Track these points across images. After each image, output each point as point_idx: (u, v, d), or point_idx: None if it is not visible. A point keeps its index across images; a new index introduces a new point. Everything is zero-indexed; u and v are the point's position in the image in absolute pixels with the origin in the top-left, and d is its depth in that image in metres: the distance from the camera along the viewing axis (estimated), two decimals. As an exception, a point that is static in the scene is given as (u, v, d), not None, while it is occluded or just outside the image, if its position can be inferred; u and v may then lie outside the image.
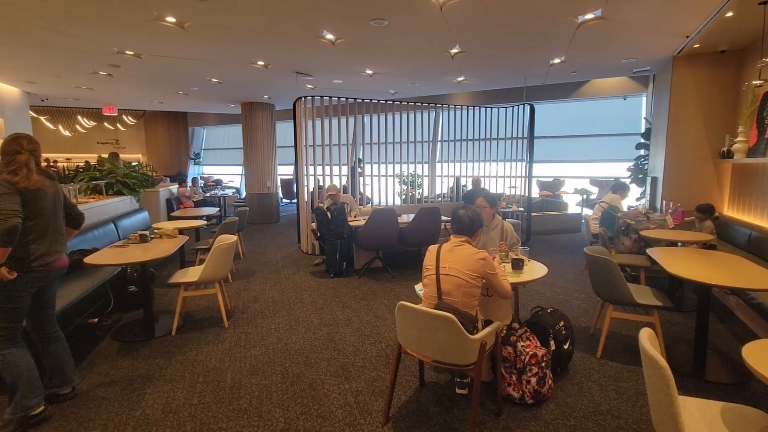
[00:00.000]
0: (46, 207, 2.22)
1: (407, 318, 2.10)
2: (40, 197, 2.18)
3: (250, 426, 2.21)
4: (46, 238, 2.23)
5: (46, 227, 2.23)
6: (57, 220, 2.32)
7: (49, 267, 2.24)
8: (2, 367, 2.13)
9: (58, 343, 2.43)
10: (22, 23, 4.23)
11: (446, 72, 6.49)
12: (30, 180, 2.12)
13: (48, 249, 2.23)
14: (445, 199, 7.41)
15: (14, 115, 7.48)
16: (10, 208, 2.00)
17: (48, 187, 2.25)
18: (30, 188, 2.12)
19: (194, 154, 13.64)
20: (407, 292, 4.44)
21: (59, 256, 2.32)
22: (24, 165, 2.12)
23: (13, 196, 2.05)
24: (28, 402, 2.15)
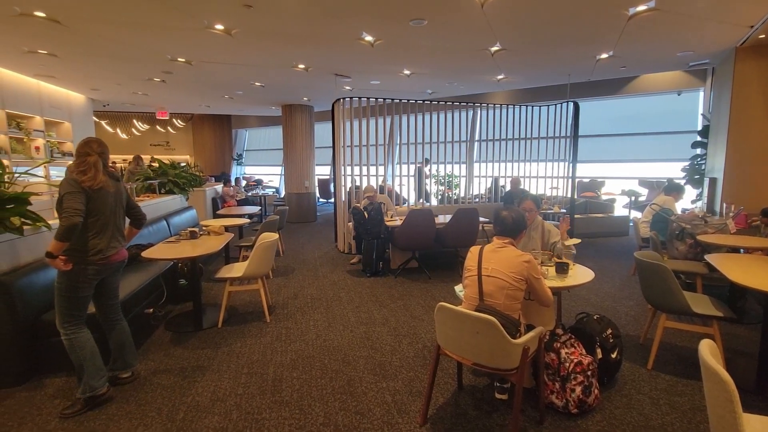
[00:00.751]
0: (107, 205, 2.39)
1: (447, 319, 2.08)
2: (102, 196, 2.36)
3: (292, 418, 2.28)
4: (106, 234, 2.39)
5: (106, 224, 2.40)
6: (117, 217, 2.48)
7: (107, 260, 2.41)
8: (69, 349, 2.33)
9: (121, 329, 2.62)
10: (92, 37, 4.61)
11: (485, 70, 6.37)
12: (95, 180, 2.30)
13: (107, 244, 2.40)
14: (482, 199, 7.28)
15: (80, 120, 8.15)
16: (74, 207, 2.19)
17: (110, 187, 2.42)
18: (94, 188, 2.29)
19: (237, 155, 14.23)
20: (444, 294, 4.40)
21: (118, 251, 2.49)
22: (92, 166, 2.31)
23: (79, 194, 2.23)
24: (94, 383, 2.34)
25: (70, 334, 2.33)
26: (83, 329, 2.40)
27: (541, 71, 6.60)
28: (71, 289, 2.30)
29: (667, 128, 8.03)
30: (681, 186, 5.07)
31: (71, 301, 2.32)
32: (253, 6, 3.78)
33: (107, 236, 2.40)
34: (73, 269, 2.28)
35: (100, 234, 2.37)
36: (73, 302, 2.33)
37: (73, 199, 2.21)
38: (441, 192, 8.22)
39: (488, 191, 7.48)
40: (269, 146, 14.64)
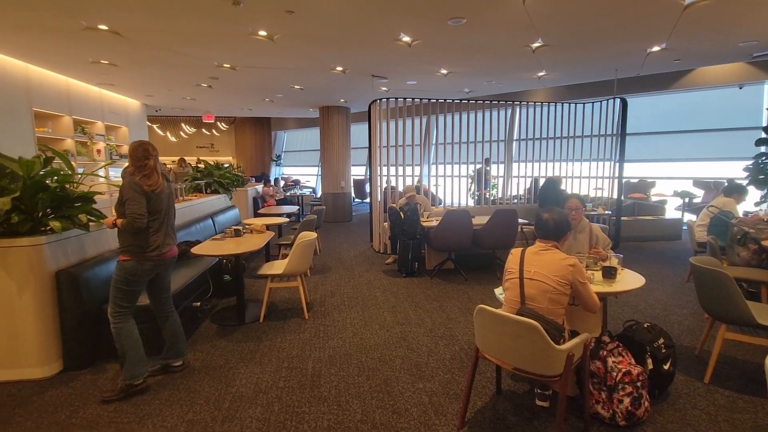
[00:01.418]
0: (162, 205, 2.56)
1: (486, 322, 2.05)
2: (159, 197, 2.53)
3: (330, 413, 2.33)
4: (161, 231, 2.56)
5: (162, 223, 2.57)
6: (170, 216, 2.66)
7: (162, 256, 2.58)
8: (116, 337, 2.49)
9: (173, 320, 2.80)
10: (148, 47, 4.94)
11: (525, 68, 6.20)
12: (158, 183, 2.50)
13: (163, 241, 2.57)
14: (521, 200, 7.08)
15: (136, 124, 8.75)
16: (139, 212, 2.38)
17: (165, 189, 2.59)
18: (155, 191, 2.48)
19: (276, 156, 14.71)
20: (481, 296, 4.33)
21: (171, 247, 2.66)
22: (154, 170, 2.50)
23: (141, 198, 2.41)
24: (134, 371, 2.49)
25: (119, 323, 2.50)
26: (130, 320, 2.56)
27: (585, 67, 6.32)
28: (127, 282, 2.48)
29: (726, 125, 7.43)
30: (743, 187, 4.69)
31: (125, 293, 2.49)
32: (295, 12, 3.89)
33: (162, 234, 2.57)
34: (131, 263, 2.47)
35: (157, 232, 2.54)
36: (127, 294, 2.50)
37: (137, 203, 2.39)
38: (477, 193, 8.08)
39: (527, 192, 7.26)
40: (306, 147, 15.01)
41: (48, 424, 2.22)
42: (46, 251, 2.67)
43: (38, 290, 2.64)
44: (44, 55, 5.44)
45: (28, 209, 2.65)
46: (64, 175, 2.87)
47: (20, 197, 2.61)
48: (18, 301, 2.60)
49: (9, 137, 5.30)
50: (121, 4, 3.69)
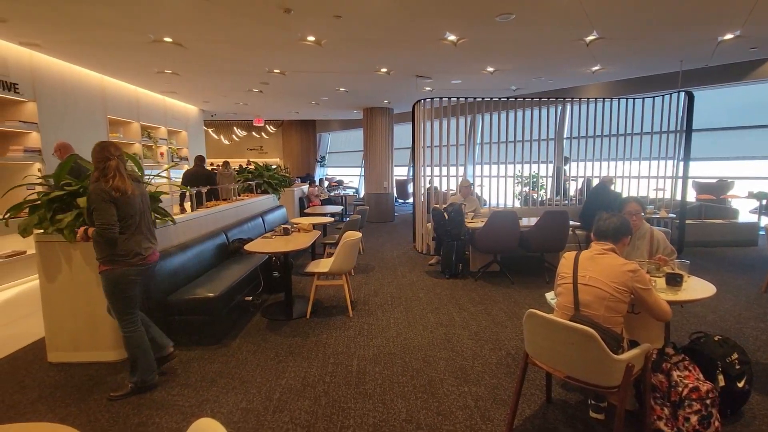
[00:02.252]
0: (134, 208, 2.44)
1: (537, 328, 1.98)
2: (130, 201, 2.40)
3: (375, 411, 2.36)
4: (139, 235, 2.47)
5: (138, 226, 2.47)
6: (146, 218, 2.56)
7: (146, 261, 2.51)
8: (127, 344, 2.50)
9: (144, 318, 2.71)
10: (206, 56, 5.28)
11: (578, 62, 5.91)
12: (124, 185, 2.34)
13: (141, 245, 2.47)
14: (572, 201, 6.75)
15: (194, 129, 9.37)
16: (108, 222, 2.27)
17: (135, 190, 2.45)
18: (124, 194, 2.34)
19: (320, 157, 15.11)
20: (529, 301, 4.18)
21: (153, 250, 2.58)
22: (117, 170, 2.35)
23: (109, 205, 2.29)
24: (146, 377, 2.53)
25: (129, 332, 2.48)
26: (140, 327, 2.53)
27: (645, 59, 5.91)
28: (119, 290, 2.41)
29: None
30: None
31: (122, 300, 2.44)
32: (342, 16, 3.99)
33: (140, 237, 2.48)
34: (114, 272, 2.39)
35: (135, 236, 2.44)
36: (124, 301, 2.45)
37: (105, 213, 2.27)
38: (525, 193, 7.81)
39: (579, 192, 6.91)
40: (349, 148, 15.28)
41: (121, 403, 2.44)
42: (119, 246, 2.93)
43: (113, 281, 2.91)
44: (117, 67, 5.98)
45: (105, 207, 2.92)
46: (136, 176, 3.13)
47: (99, 196, 2.89)
48: (97, 290, 2.87)
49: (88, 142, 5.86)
50: (184, 17, 3.97)
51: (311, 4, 3.70)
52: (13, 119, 4.87)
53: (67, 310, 2.91)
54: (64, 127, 5.46)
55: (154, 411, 2.36)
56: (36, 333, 3.24)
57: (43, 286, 2.91)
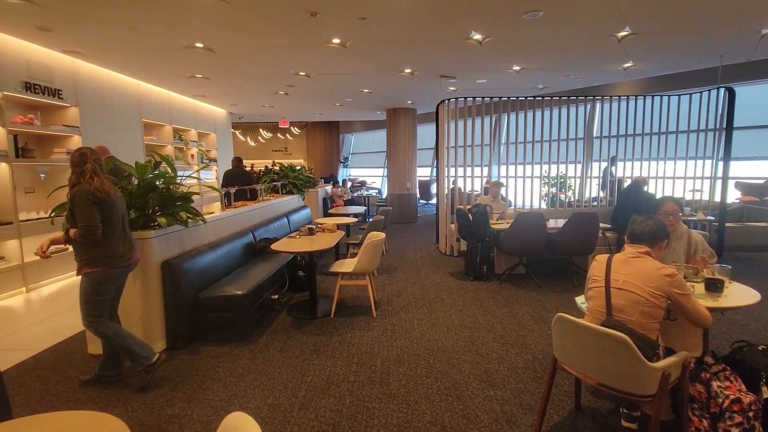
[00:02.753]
0: (117, 210, 2.49)
1: (567, 332, 1.94)
2: (113, 202, 2.46)
3: (399, 411, 2.36)
4: (122, 236, 2.52)
5: (123, 228, 2.54)
6: (126, 220, 2.61)
7: (129, 262, 2.56)
8: (109, 341, 2.51)
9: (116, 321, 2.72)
10: (234, 60, 5.43)
11: (609, 59, 5.72)
12: (104, 186, 2.39)
13: (125, 246, 2.53)
14: (602, 203, 6.54)
15: (222, 131, 9.64)
16: (91, 224, 2.31)
17: (116, 192, 2.53)
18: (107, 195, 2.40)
19: (343, 158, 15.25)
20: (556, 304, 4.08)
21: (134, 253, 2.63)
22: (93, 173, 2.39)
23: (93, 207, 2.32)
24: (143, 354, 2.55)
25: (100, 329, 2.49)
26: (107, 322, 2.54)
27: (681, 55, 5.66)
28: (97, 292, 2.41)
29: None
30: None
31: (96, 303, 2.44)
32: (368, 18, 4.02)
33: (123, 238, 2.53)
34: (100, 274, 2.42)
35: (118, 238, 2.49)
36: (98, 304, 2.45)
37: (88, 214, 2.31)
38: (552, 194, 7.63)
39: (607, 193, 6.68)
40: (372, 149, 15.35)
41: (155, 395, 2.54)
42: (154, 244, 3.06)
43: (148, 277, 3.04)
44: (151, 73, 6.24)
45: (142, 207, 3.06)
46: (169, 177, 3.26)
47: (135, 197, 3.02)
48: (132, 286, 3.01)
49: (125, 145, 6.16)
50: (214, 23, 4.10)
51: (337, 7, 3.75)
52: (57, 123, 5.16)
53: (106, 305, 3.05)
54: (103, 130, 5.74)
55: (186, 404, 2.44)
56: (77, 326, 3.41)
57: (84, 282, 3.06)
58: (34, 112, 4.93)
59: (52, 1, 3.53)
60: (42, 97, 4.83)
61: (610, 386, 1.85)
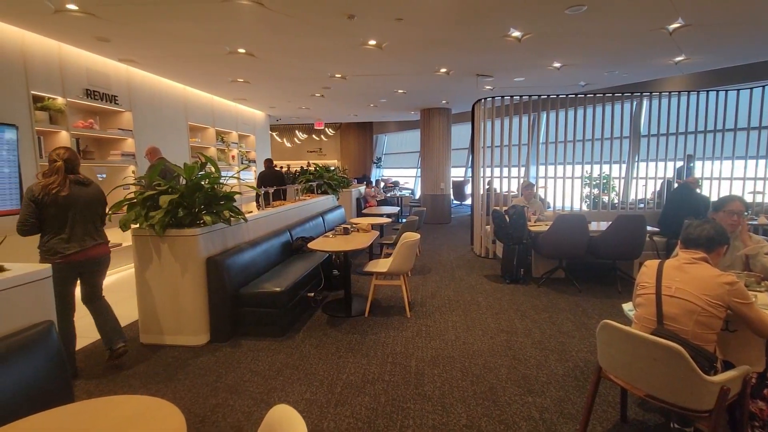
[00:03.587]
0: (68, 210, 2.59)
1: (613, 340, 1.85)
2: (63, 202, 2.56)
3: (434, 413, 2.35)
4: (63, 235, 2.58)
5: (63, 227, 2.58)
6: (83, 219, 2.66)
7: (69, 258, 2.59)
8: None
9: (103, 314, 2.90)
10: (274, 64, 5.61)
11: (658, 53, 5.40)
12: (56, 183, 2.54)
13: (65, 245, 2.58)
14: (648, 205, 6.19)
15: (261, 133, 9.98)
16: (20, 220, 2.49)
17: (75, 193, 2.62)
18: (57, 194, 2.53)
19: (376, 159, 15.35)
20: (598, 310, 3.91)
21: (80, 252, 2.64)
22: (56, 171, 2.56)
23: (29, 205, 2.48)
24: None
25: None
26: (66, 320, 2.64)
27: (740, 47, 5.25)
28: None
29: None
30: None
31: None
32: (404, 18, 4.02)
33: (66, 238, 2.59)
34: None
35: (58, 236, 2.57)
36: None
37: (23, 212, 2.49)
38: (592, 196, 7.31)
39: (656, 195, 6.32)
40: (405, 149, 15.34)
41: (200, 385, 2.67)
42: (200, 241, 3.22)
43: (195, 273, 3.20)
44: (197, 78, 6.56)
45: (189, 205, 3.23)
46: (214, 177, 3.42)
47: (183, 196, 3.20)
48: (180, 281, 3.19)
49: (173, 147, 6.52)
50: (255, 29, 4.25)
51: (373, 9, 3.78)
52: (113, 127, 5.55)
53: (156, 297, 3.25)
54: (153, 133, 6.10)
55: (228, 395, 2.55)
56: (131, 316, 3.65)
57: (137, 275, 3.27)
58: (94, 116, 5.32)
59: (111, 14, 3.80)
60: (100, 102, 5.20)
61: (662, 399, 1.75)
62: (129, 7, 3.64)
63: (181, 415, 1.23)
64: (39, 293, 1.82)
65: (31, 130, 4.27)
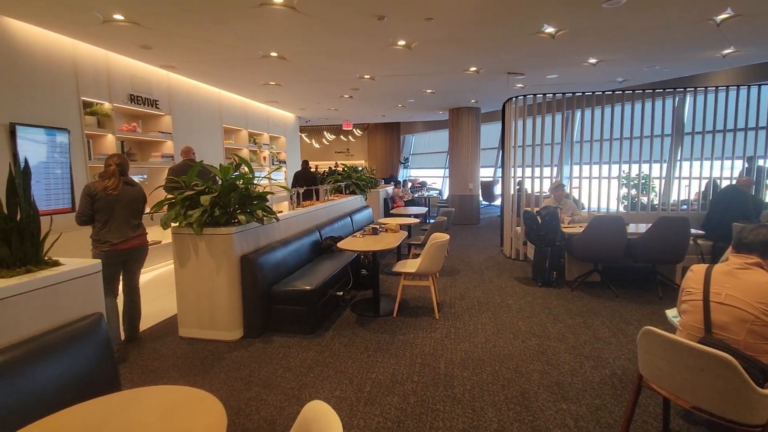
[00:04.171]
0: (111, 205, 3.02)
1: (656, 348, 1.76)
2: (107, 198, 3.01)
3: (464, 416, 2.32)
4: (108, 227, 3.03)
5: (108, 220, 3.03)
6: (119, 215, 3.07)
7: (115, 248, 3.05)
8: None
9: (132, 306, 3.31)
10: (304, 67, 5.72)
11: (704, 46, 5.10)
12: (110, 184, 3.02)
13: (109, 236, 3.02)
14: (692, 207, 5.86)
15: (291, 134, 10.19)
16: (78, 212, 3.02)
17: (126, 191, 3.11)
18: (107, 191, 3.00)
19: (404, 159, 15.33)
20: (637, 316, 3.74)
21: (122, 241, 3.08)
22: (112, 174, 3.06)
23: (85, 199, 2.98)
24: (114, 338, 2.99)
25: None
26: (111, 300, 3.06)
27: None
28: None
29: None
30: None
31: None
32: (434, 18, 4.00)
33: (110, 229, 3.04)
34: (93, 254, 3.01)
35: (104, 228, 3.03)
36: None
37: (80, 205, 3.02)
38: (629, 196, 6.99)
39: (700, 196, 5.97)
40: (432, 149, 15.24)
41: (235, 378, 2.76)
42: (235, 239, 3.33)
43: (229, 270, 3.31)
44: (230, 82, 6.78)
45: (224, 205, 3.34)
46: (248, 178, 3.53)
47: (219, 196, 3.31)
48: (216, 278, 3.31)
49: (208, 148, 6.77)
50: (288, 33, 4.35)
51: (403, 9, 3.78)
52: (154, 130, 5.82)
53: (194, 293, 3.38)
54: (190, 135, 6.35)
55: (261, 389, 2.62)
56: (170, 310, 3.82)
57: (176, 271, 3.42)
58: (137, 120, 5.60)
59: (153, 23, 3.99)
60: (143, 107, 5.48)
61: (709, 411, 1.65)
62: (170, 16, 3.82)
63: (222, 406, 1.27)
64: (90, 286, 1.94)
65: (81, 133, 4.55)
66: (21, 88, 3.92)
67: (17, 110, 3.87)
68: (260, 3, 3.54)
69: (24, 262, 1.75)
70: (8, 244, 1.70)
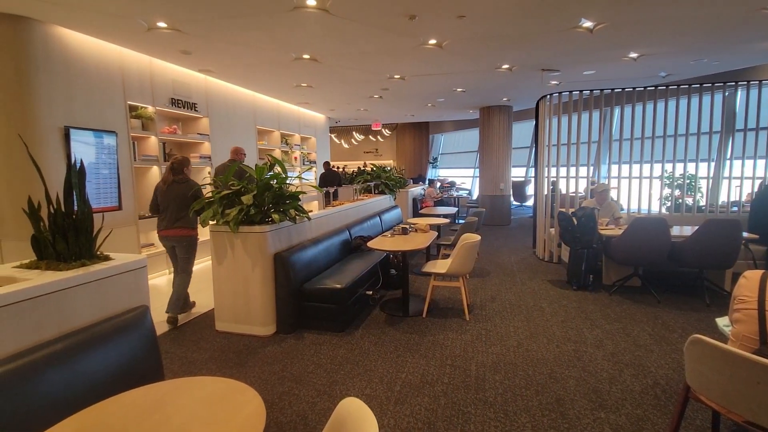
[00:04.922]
0: (164, 199, 3.72)
1: (706, 358, 1.66)
2: (167, 192, 3.72)
3: (497, 421, 2.28)
4: (161, 217, 3.75)
5: (164, 211, 3.72)
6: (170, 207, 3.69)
7: (160, 233, 3.76)
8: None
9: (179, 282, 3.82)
10: (335, 68, 5.79)
11: (757, 37, 4.76)
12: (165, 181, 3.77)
13: (159, 224, 3.75)
14: (744, 209, 5.48)
15: (321, 135, 10.36)
16: (150, 204, 3.85)
17: (174, 187, 3.72)
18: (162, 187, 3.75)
19: (432, 159, 15.22)
20: (682, 323, 3.55)
21: (162, 230, 3.74)
22: (169, 171, 3.79)
23: (154, 192, 3.82)
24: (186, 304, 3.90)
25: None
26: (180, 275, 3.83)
27: None
28: None
29: None
30: None
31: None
32: (467, 16, 3.94)
33: (161, 219, 3.75)
34: None
35: (161, 217, 3.76)
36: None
37: (152, 197, 3.83)
38: (672, 197, 6.62)
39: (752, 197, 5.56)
40: (462, 149, 15.05)
41: (269, 372, 2.84)
42: (269, 237, 3.42)
43: (264, 267, 3.41)
44: (263, 84, 6.97)
45: (259, 204, 3.44)
46: (281, 178, 3.61)
47: (255, 195, 3.41)
48: (251, 274, 3.41)
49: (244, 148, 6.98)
50: (319, 35, 4.42)
51: (435, 8, 3.75)
52: (193, 132, 6.08)
53: (229, 289, 3.50)
54: (226, 136, 6.58)
55: (294, 384, 2.68)
56: (207, 305, 3.98)
57: (214, 267, 3.56)
58: (177, 123, 5.87)
59: (193, 29, 4.17)
60: (183, 110, 5.73)
61: (764, 427, 1.54)
62: (208, 22, 3.97)
63: (260, 399, 1.31)
64: (137, 280, 2.04)
65: (128, 135, 4.82)
66: (74, 94, 4.20)
67: (71, 114, 4.14)
68: (294, 6, 3.62)
69: (79, 256, 1.87)
70: (65, 239, 1.82)
